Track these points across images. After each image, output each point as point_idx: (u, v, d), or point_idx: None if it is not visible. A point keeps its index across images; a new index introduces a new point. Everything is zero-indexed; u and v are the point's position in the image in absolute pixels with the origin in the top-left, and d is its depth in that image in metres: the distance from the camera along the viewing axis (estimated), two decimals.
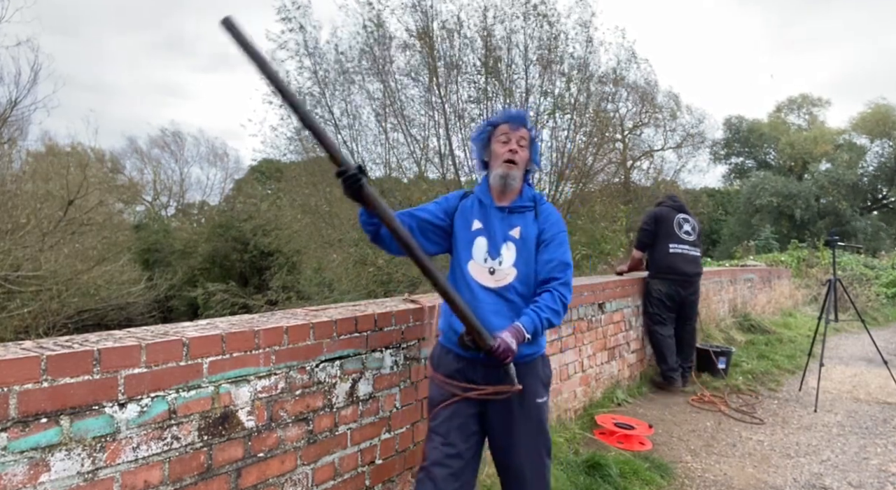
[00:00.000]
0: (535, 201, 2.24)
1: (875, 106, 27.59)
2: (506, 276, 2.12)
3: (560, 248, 2.15)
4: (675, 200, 5.66)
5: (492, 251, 2.15)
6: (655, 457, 3.60)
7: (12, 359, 1.40)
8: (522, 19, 10.06)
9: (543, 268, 2.12)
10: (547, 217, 2.20)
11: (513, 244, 2.14)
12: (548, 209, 2.24)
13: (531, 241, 2.15)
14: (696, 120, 19.99)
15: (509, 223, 2.18)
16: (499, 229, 2.16)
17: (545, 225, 2.18)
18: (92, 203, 14.37)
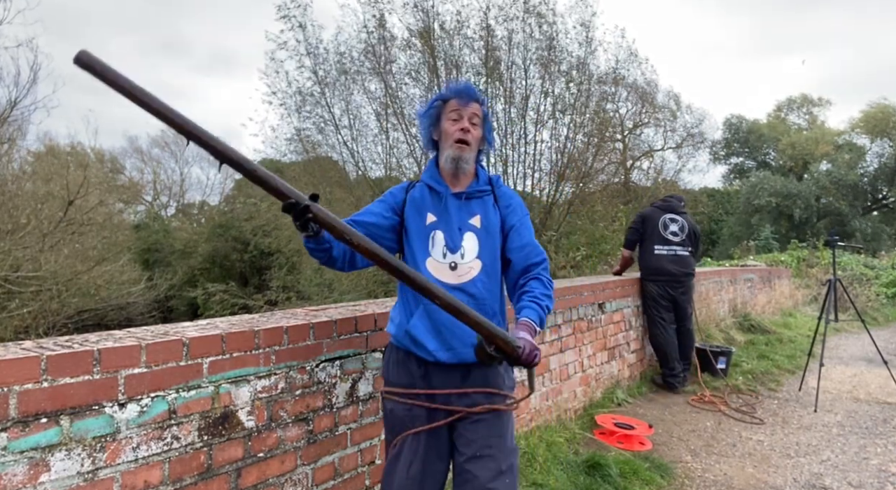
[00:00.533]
0: (492, 184, 2.03)
1: (877, 106, 27.59)
2: (469, 271, 1.91)
3: (529, 231, 2.00)
4: (666, 200, 5.65)
5: (451, 244, 1.92)
6: (655, 457, 3.60)
7: (12, 359, 1.40)
8: (522, 19, 10.07)
9: (518, 255, 1.94)
10: (508, 201, 2.02)
11: (473, 234, 1.93)
12: (507, 192, 2.05)
13: (494, 229, 1.95)
14: (696, 120, 19.99)
15: (468, 211, 1.95)
16: (456, 219, 1.94)
17: (508, 210, 2.00)
18: (92, 203, 14.37)
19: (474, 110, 1.95)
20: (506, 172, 10.20)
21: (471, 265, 1.91)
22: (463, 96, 1.94)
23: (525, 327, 1.75)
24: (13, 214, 11.66)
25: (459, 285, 1.88)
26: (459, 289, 1.88)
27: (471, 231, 1.93)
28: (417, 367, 1.91)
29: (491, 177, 2.06)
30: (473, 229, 1.94)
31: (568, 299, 4.16)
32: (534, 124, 10.25)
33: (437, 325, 1.86)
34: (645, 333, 5.55)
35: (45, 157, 18.13)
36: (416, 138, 10.92)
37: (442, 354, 1.86)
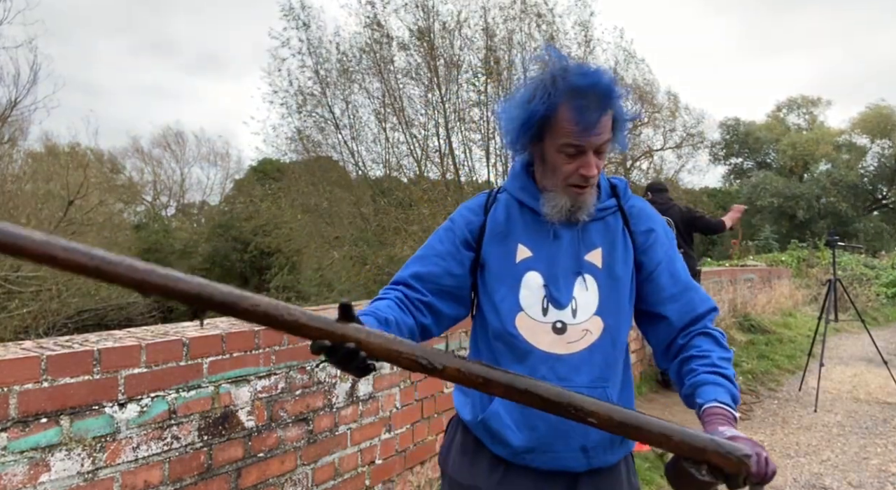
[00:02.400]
0: (617, 196, 1.32)
1: (875, 107, 27.61)
2: (584, 335, 1.23)
3: (685, 268, 1.33)
4: (651, 202, 5.48)
5: (555, 294, 1.24)
6: (655, 457, 3.60)
7: (12, 359, 1.40)
8: (519, 19, 10.08)
9: (675, 306, 1.27)
10: (648, 223, 1.31)
11: (592, 278, 1.25)
12: (643, 208, 1.34)
13: (624, 269, 1.27)
14: (695, 120, 19.98)
15: (585, 241, 1.27)
16: (566, 254, 1.26)
17: (648, 238, 1.29)
18: (92, 203, 14.38)
19: (605, 135, 1.17)
20: (506, 172, 10.20)
21: (587, 327, 1.24)
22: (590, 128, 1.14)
23: (724, 419, 1.09)
24: (13, 214, 11.67)
25: (569, 356, 1.23)
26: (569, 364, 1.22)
27: (589, 272, 1.26)
28: (491, 467, 1.28)
29: (614, 182, 1.34)
30: (592, 270, 1.26)
31: None
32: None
33: (529, 413, 1.18)
34: None
35: (45, 158, 18.14)
36: (416, 138, 10.95)
37: (534, 457, 1.23)
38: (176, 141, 30.44)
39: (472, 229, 1.32)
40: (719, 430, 1.04)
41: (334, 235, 12.35)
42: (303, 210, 12.99)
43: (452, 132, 10.43)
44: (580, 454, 1.22)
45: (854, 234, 24.47)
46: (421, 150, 10.96)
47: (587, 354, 1.22)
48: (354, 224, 12.39)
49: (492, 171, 10.28)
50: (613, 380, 1.25)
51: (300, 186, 13.04)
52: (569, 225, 1.25)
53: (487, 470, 1.28)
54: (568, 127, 1.14)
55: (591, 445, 1.23)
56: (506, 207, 1.31)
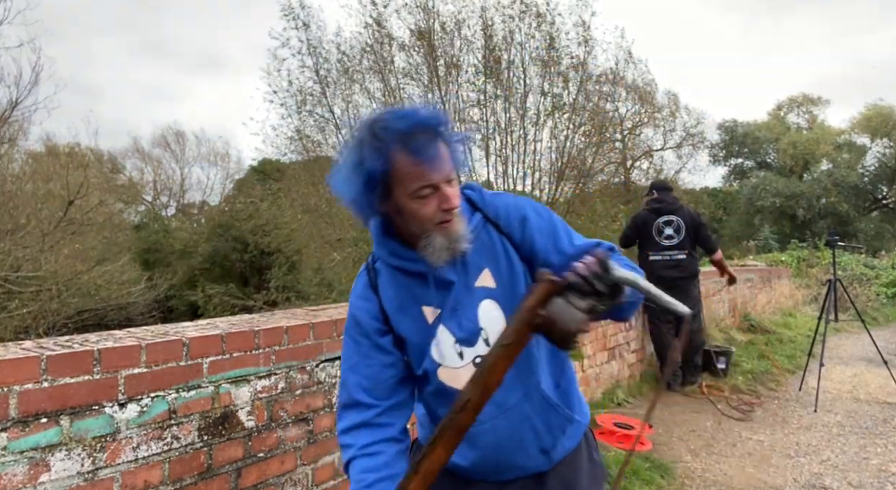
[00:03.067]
0: (474, 204, 1.27)
1: (875, 107, 27.60)
2: None
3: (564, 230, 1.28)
4: (660, 200, 5.47)
5: (463, 334, 1.23)
6: (655, 457, 3.60)
7: (12, 359, 1.40)
8: (519, 19, 10.08)
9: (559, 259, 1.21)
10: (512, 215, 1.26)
11: (491, 301, 1.23)
12: (498, 203, 1.28)
13: (518, 270, 1.25)
14: (695, 120, 20.00)
15: (470, 269, 1.24)
16: (460, 292, 1.24)
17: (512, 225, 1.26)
18: (92, 203, 14.37)
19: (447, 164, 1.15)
20: (506, 172, 10.20)
21: None
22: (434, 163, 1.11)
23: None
24: (13, 214, 11.66)
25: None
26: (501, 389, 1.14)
27: (487, 298, 1.24)
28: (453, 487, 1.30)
29: (467, 195, 1.28)
30: (488, 294, 1.24)
31: None
32: (533, 124, 10.26)
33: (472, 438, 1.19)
34: (645, 333, 5.56)
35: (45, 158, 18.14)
36: None
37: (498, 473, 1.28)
38: (176, 141, 30.45)
39: (374, 314, 1.28)
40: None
41: (336, 237, 12.35)
42: (303, 210, 12.99)
43: None
44: (542, 456, 1.26)
45: (854, 234, 24.47)
46: None
47: (512, 373, 1.14)
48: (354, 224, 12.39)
49: (492, 171, 10.29)
50: (544, 376, 1.25)
51: (300, 187, 13.04)
52: (451, 263, 1.21)
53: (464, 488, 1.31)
54: (414, 171, 1.11)
55: (550, 446, 1.26)
56: (391, 279, 1.28)
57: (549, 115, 10.27)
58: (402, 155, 1.10)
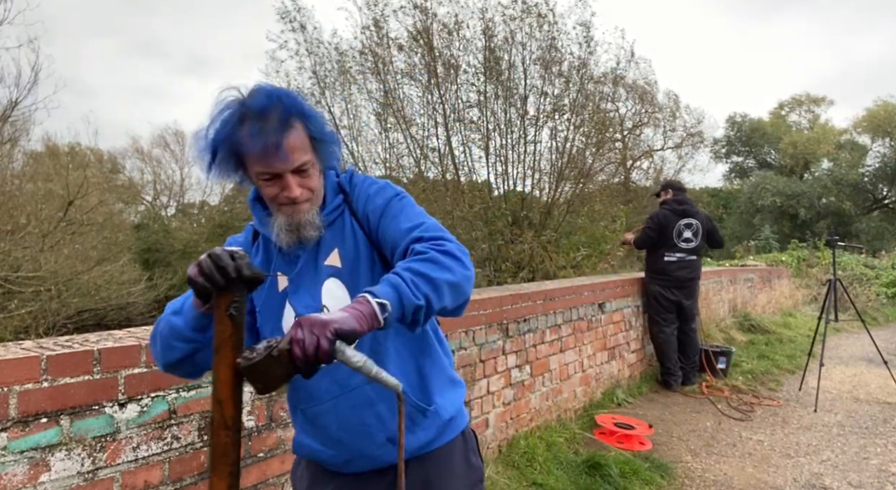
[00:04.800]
0: (344, 191, 1.30)
1: (882, 104, 27.54)
2: None
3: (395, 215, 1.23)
4: (680, 202, 5.49)
5: (304, 309, 1.23)
6: (655, 457, 3.60)
7: (12, 359, 1.40)
8: (520, 20, 10.07)
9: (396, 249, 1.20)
10: (364, 197, 1.27)
11: (337, 280, 1.24)
12: (361, 186, 1.30)
13: (363, 253, 1.25)
14: (696, 120, 19.99)
15: (322, 248, 1.26)
16: (307, 270, 1.26)
17: (367, 209, 1.26)
18: (92, 203, 14.38)
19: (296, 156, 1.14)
20: (506, 172, 10.20)
21: None
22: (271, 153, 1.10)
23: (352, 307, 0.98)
24: (13, 214, 11.66)
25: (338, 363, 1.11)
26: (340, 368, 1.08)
27: (333, 277, 1.24)
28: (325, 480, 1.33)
29: (342, 179, 1.31)
30: (334, 272, 1.24)
31: (568, 299, 4.16)
32: (533, 124, 10.25)
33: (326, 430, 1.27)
34: (645, 333, 5.56)
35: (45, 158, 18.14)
36: (415, 138, 10.95)
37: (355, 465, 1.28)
38: (176, 141, 30.44)
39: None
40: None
41: None
42: None
43: (452, 132, 10.44)
44: (391, 445, 1.23)
45: (855, 233, 24.47)
46: (420, 151, 10.96)
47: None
48: None
49: (491, 171, 10.28)
50: (393, 362, 1.22)
51: None
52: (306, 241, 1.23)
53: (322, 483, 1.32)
54: (255, 156, 1.12)
55: (394, 433, 1.21)
56: (263, 244, 1.31)
57: (549, 115, 10.27)
58: (244, 136, 1.10)
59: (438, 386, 1.32)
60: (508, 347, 3.45)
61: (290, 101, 1.12)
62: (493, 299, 3.31)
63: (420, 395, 1.28)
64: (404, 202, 1.26)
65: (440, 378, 1.33)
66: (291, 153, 1.12)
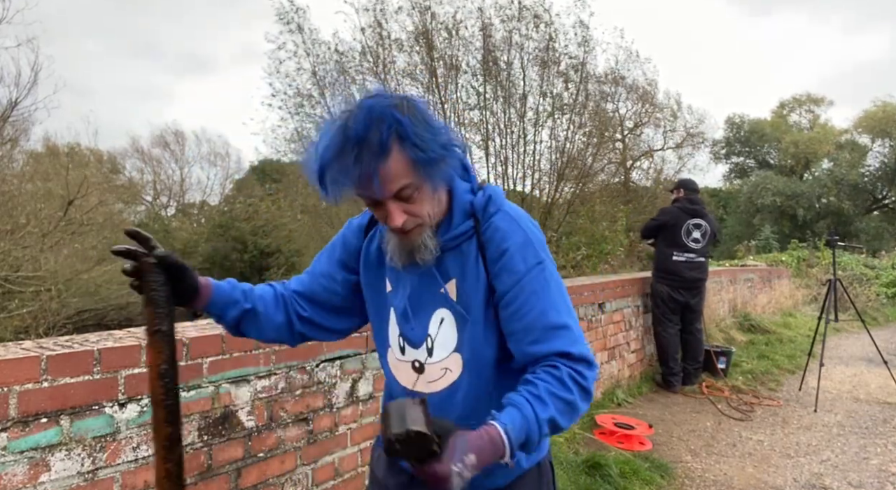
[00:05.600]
0: (476, 218, 1.16)
1: (881, 104, 27.54)
2: (444, 374, 1.19)
3: (537, 297, 1.11)
4: (693, 201, 5.42)
5: (408, 332, 1.21)
6: (655, 457, 3.60)
7: (12, 359, 1.40)
8: (518, 20, 10.08)
9: (518, 349, 1.13)
10: (499, 247, 1.14)
11: (449, 312, 1.17)
12: (500, 227, 1.15)
13: (477, 301, 1.15)
14: (697, 120, 19.99)
15: (441, 273, 1.17)
16: (419, 288, 1.19)
17: (497, 264, 1.13)
18: (92, 203, 14.36)
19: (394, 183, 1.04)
20: (506, 173, 10.20)
21: (446, 365, 1.18)
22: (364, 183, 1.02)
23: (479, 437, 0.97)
24: (13, 214, 11.65)
25: (433, 397, 1.17)
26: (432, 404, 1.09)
27: (444, 307, 1.18)
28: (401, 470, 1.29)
29: (476, 203, 1.17)
30: (448, 304, 1.17)
31: None
32: (533, 124, 10.26)
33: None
34: (645, 333, 5.55)
35: (45, 158, 18.13)
36: None
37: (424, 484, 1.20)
38: (175, 141, 30.45)
39: (350, 251, 1.29)
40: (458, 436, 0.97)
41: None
42: (302, 210, 13.00)
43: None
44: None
45: (855, 233, 24.47)
46: None
47: (448, 394, 1.17)
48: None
49: (492, 172, 10.28)
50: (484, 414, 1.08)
51: (300, 187, 13.05)
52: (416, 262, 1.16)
53: (398, 472, 1.28)
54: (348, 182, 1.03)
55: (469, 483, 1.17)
56: (381, 233, 1.23)
57: (549, 115, 10.27)
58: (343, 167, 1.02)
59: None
60: None
61: (388, 123, 1.01)
62: None
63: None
64: (546, 276, 1.13)
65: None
66: (387, 182, 1.03)
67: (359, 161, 0.99)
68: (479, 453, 0.96)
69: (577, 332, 1.12)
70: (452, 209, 1.16)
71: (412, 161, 1.02)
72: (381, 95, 1.06)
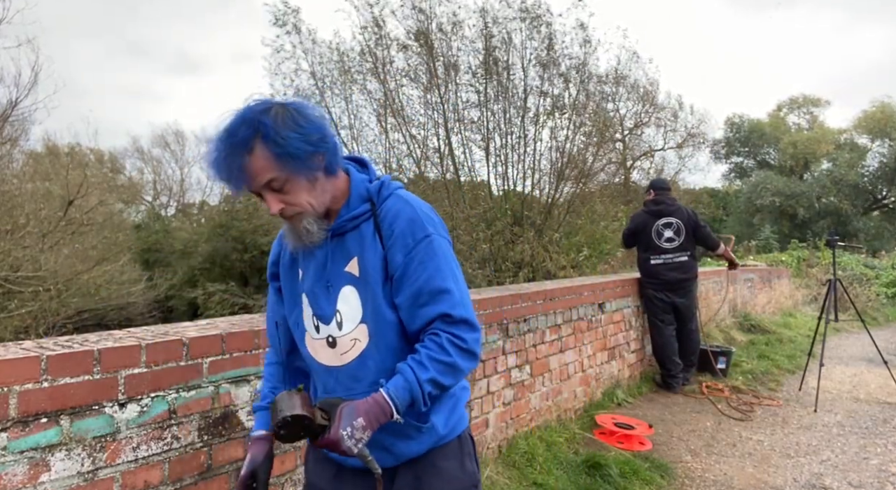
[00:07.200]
0: (372, 200, 1.32)
1: (880, 105, 27.54)
2: (353, 345, 1.30)
3: (423, 266, 1.26)
4: (657, 201, 5.41)
5: (318, 310, 1.33)
6: (655, 457, 3.60)
7: (12, 359, 1.40)
8: (520, 20, 10.07)
9: (409, 312, 1.27)
10: (391, 221, 1.29)
11: (352, 288, 1.30)
12: (393, 207, 1.31)
13: (375, 271, 1.28)
14: (698, 120, 20.00)
15: (342, 252, 1.31)
16: (323, 268, 1.32)
17: (390, 240, 1.28)
18: (92, 203, 14.35)
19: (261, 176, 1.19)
20: (506, 173, 10.20)
21: (354, 336, 1.30)
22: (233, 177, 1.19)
23: (367, 401, 1.18)
24: (13, 214, 11.65)
25: (343, 368, 1.32)
26: (346, 373, 1.31)
27: (349, 284, 1.30)
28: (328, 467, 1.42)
29: (371, 188, 1.33)
30: (351, 280, 1.30)
31: (568, 299, 4.16)
32: (533, 124, 10.26)
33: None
34: (645, 333, 5.55)
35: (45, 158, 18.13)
36: (415, 138, 10.96)
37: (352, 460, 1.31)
38: (176, 141, 30.45)
39: (275, 261, 1.47)
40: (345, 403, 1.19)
41: None
42: None
43: (452, 132, 10.44)
44: (384, 452, 1.29)
45: (854, 233, 24.48)
46: (420, 151, 10.96)
47: (359, 362, 1.30)
48: None
49: (492, 172, 10.28)
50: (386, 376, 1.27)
51: None
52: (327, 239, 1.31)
53: (322, 469, 1.42)
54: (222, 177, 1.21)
55: (389, 443, 1.30)
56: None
57: (549, 115, 10.27)
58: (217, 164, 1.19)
59: (437, 402, 1.34)
60: (508, 347, 3.45)
61: (251, 125, 1.17)
62: (493, 299, 3.31)
63: (415, 414, 1.29)
64: (434, 247, 1.28)
65: (448, 400, 1.38)
66: (254, 175, 1.19)
67: (227, 157, 1.17)
68: (366, 415, 1.16)
69: (459, 297, 1.27)
70: (351, 194, 1.32)
71: (275, 156, 1.17)
72: (259, 102, 1.21)
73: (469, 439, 1.44)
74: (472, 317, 1.27)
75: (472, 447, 1.44)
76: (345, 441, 1.14)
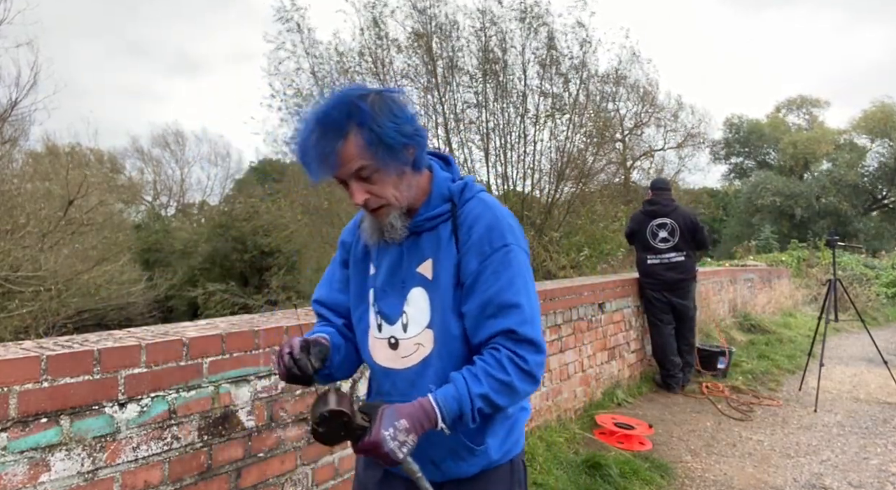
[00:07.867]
0: (453, 201, 1.26)
1: (880, 105, 27.53)
2: (417, 349, 1.25)
3: (496, 276, 1.20)
4: (653, 201, 5.42)
5: (385, 310, 1.29)
6: (655, 457, 3.60)
7: (12, 359, 1.40)
8: (519, 20, 10.07)
9: (474, 323, 1.21)
10: (470, 225, 1.23)
11: (422, 290, 1.25)
12: (473, 211, 1.25)
13: (447, 276, 1.23)
14: (698, 120, 20.00)
15: (416, 251, 1.27)
16: (396, 267, 1.28)
17: (466, 245, 1.22)
18: (92, 203, 14.35)
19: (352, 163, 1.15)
20: (506, 173, 10.20)
21: (419, 341, 1.25)
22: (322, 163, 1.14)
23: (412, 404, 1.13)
24: (13, 214, 11.64)
25: (404, 372, 1.26)
26: (405, 378, 1.26)
27: (418, 285, 1.26)
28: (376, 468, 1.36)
29: (453, 189, 1.28)
30: (423, 283, 1.25)
31: (568, 299, 4.16)
32: (533, 124, 10.26)
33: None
34: (645, 333, 5.56)
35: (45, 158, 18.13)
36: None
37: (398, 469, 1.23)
38: (176, 141, 30.45)
39: (347, 249, 1.41)
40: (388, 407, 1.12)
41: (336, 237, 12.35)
42: (303, 210, 12.99)
43: (451, 132, 10.44)
44: (431, 466, 1.24)
45: (854, 233, 24.48)
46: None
47: (420, 369, 1.24)
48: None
49: (492, 171, 10.28)
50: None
51: (300, 187, 13.03)
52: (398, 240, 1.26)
53: (373, 470, 1.36)
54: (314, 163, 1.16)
55: (438, 459, 1.26)
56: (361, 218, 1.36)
57: (549, 115, 10.27)
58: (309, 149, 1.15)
59: (497, 431, 1.29)
60: None
61: (348, 109, 1.13)
62: None
63: (471, 433, 1.23)
64: (510, 258, 1.21)
65: (504, 425, 1.31)
66: (345, 162, 1.14)
67: (320, 140, 1.12)
68: (409, 418, 1.09)
69: (529, 314, 1.19)
70: (432, 192, 1.26)
71: (369, 144, 1.12)
72: (354, 87, 1.18)
73: (521, 465, 1.36)
74: (538, 338, 1.19)
75: (524, 475, 1.37)
76: (387, 442, 1.07)
